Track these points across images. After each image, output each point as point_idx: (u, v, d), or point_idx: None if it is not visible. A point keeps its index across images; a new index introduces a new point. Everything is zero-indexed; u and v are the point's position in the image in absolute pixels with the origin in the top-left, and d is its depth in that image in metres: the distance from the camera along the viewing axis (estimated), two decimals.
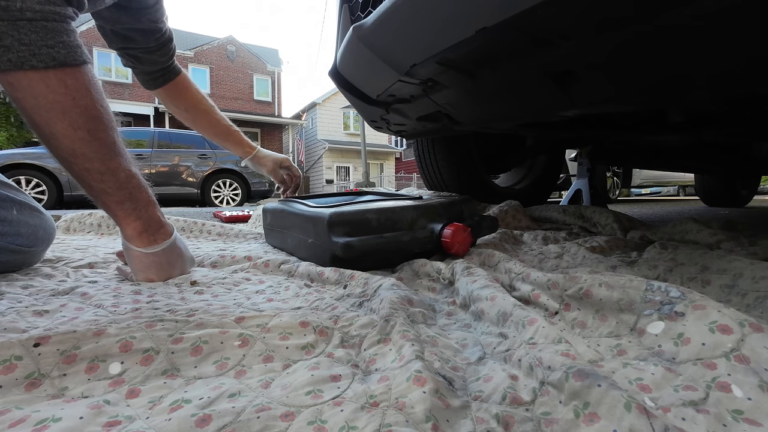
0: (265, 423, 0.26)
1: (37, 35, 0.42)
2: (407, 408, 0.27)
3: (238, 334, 0.38)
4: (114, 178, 0.52)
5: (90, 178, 0.51)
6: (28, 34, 0.41)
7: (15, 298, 0.50)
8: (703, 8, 0.48)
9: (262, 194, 5.93)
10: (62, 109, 0.45)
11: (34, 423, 0.26)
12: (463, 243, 0.70)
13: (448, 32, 0.67)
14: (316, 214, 0.70)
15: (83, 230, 1.41)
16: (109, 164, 0.51)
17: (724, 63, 0.58)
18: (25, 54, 0.41)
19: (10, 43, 0.40)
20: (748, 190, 3.46)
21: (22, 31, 0.41)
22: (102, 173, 0.51)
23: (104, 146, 0.50)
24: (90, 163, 0.49)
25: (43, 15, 0.42)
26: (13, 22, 0.40)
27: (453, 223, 0.70)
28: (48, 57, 0.42)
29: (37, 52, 0.42)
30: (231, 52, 14.90)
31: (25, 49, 0.41)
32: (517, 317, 0.39)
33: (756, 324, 0.31)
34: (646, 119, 1.22)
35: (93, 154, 0.49)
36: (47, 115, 0.45)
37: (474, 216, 0.85)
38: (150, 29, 0.77)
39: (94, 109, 0.48)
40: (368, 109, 1.17)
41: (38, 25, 0.41)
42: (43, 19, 0.42)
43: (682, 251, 0.67)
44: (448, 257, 0.73)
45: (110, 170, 0.51)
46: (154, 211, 0.58)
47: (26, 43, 0.41)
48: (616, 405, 0.24)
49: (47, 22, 0.42)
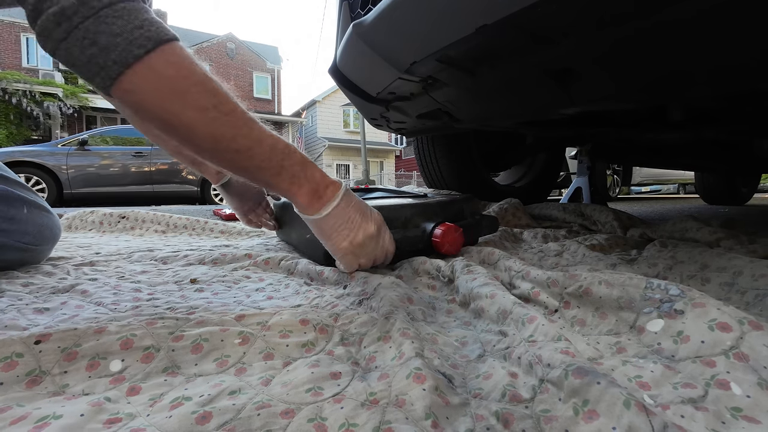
0: (266, 420, 0.26)
1: (123, 20, 0.36)
2: (407, 405, 0.27)
3: (238, 332, 0.38)
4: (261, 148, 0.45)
5: (241, 159, 0.45)
6: (115, 21, 0.36)
7: (15, 295, 0.50)
8: (701, 4, 0.48)
9: None
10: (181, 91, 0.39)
11: (34, 420, 0.26)
12: (453, 243, 0.69)
13: (447, 30, 0.67)
14: None
15: (85, 228, 1.41)
16: (252, 135, 0.44)
17: (724, 58, 0.58)
18: (123, 46, 0.36)
19: (106, 42, 0.35)
20: (748, 188, 3.46)
21: (109, 21, 0.35)
22: (250, 148, 0.44)
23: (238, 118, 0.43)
24: (234, 143, 0.43)
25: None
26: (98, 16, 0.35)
27: (444, 223, 0.70)
28: (143, 39, 0.37)
29: (132, 38, 0.36)
30: (231, 50, 14.86)
31: (121, 40, 0.36)
32: (516, 315, 0.39)
33: (755, 322, 0.31)
34: (647, 117, 1.21)
35: (232, 131, 0.43)
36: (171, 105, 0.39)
37: (475, 215, 0.85)
38: None
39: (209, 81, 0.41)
40: (368, 107, 1.17)
41: (118, 8, 0.36)
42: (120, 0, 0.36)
43: (681, 249, 0.67)
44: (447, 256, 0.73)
45: (256, 141, 0.45)
46: (313, 169, 0.50)
47: (117, 33, 0.36)
48: (616, 402, 0.24)
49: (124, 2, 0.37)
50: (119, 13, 0.36)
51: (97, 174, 4.82)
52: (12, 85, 9.34)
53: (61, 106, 10.06)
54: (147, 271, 0.69)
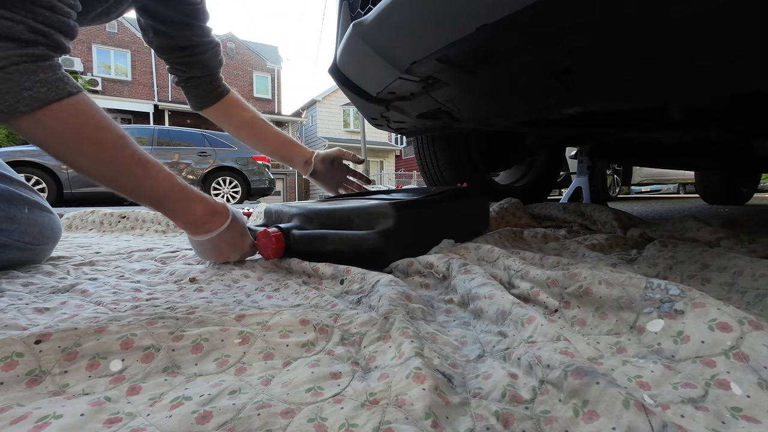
0: (266, 420, 0.27)
1: (13, 82, 0.42)
2: (407, 405, 0.27)
3: (238, 332, 0.38)
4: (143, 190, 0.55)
5: (129, 194, 0.54)
6: (5, 83, 0.42)
7: (15, 295, 0.50)
8: (703, 5, 0.48)
9: (261, 192, 5.93)
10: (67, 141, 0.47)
11: (35, 420, 0.26)
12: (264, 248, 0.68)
13: (447, 29, 0.67)
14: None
15: (85, 228, 1.41)
16: (133, 178, 0.53)
17: (724, 57, 0.58)
18: (10, 102, 0.42)
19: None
20: (749, 188, 3.46)
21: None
22: (134, 188, 0.54)
23: (121, 165, 0.52)
24: (117, 183, 0.53)
25: (11, 60, 0.42)
26: None
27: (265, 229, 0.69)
28: (30, 99, 0.43)
29: (20, 98, 0.43)
30: (231, 50, 14.86)
31: (9, 98, 0.42)
32: (516, 315, 0.39)
33: (755, 322, 0.31)
34: (647, 117, 1.21)
35: (115, 174, 0.52)
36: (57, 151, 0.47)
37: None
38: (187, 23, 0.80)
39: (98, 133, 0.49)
40: (368, 107, 1.17)
41: (10, 71, 0.42)
42: (13, 64, 0.42)
43: (681, 249, 0.67)
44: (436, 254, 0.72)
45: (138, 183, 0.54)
46: (195, 206, 0.61)
47: (6, 92, 0.42)
48: (615, 402, 0.24)
49: (17, 65, 0.42)
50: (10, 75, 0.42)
51: None
52: None
53: None
54: (147, 270, 0.69)
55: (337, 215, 0.71)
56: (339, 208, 0.72)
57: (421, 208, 0.75)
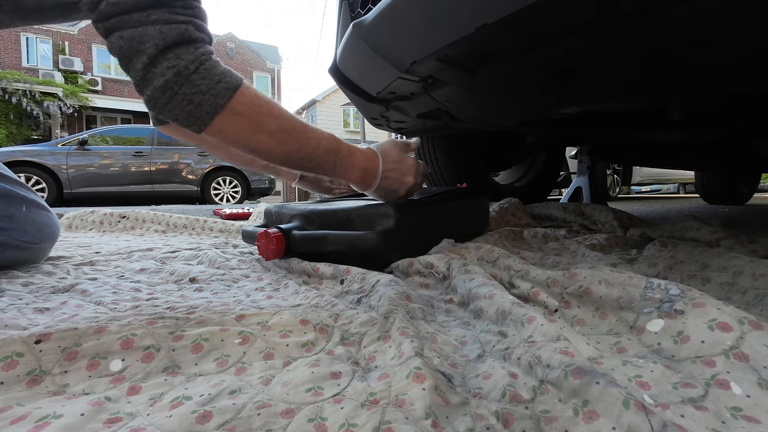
0: (266, 420, 0.27)
1: (207, 79, 0.46)
2: (407, 405, 0.27)
3: (238, 332, 0.38)
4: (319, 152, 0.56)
5: (306, 163, 0.56)
6: (202, 82, 0.45)
7: (16, 295, 0.50)
8: (704, 5, 0.48)
9: (261, 192, 5.92)
10: (256, 123, 0.50)
11: (35, 420, 0.26)
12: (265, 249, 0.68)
13: (448, 29, 0.67)
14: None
15: (85, 228, 1.41)
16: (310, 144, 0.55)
17: (725, 56, 0.58)
18: (211, 101, 0.46)
19: (200, 100, 0.45)
20: (749, 188, 3.46)
21: (198, 83, 0.45)
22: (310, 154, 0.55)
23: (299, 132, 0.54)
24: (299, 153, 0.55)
25: (200, 60, 0.46)
26: (190, 81, 0.45)
27: (265, 230, 0.69)
28: (224, 90, 0.46)
29: (216, 93, 0.46)
30: (231, 50, 14.85)
31: (209, 96, 0.46)
32: (516, 315, 0.39)
33: (755, 322, 0.31)
34: (647, 117, 1.21)
35: (297, 144, 0.54)
36: (254, 137, 0.50)
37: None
38: None
39: (272, 107, 0.52)
40: (368, 107, 1.16)
41: (202, 70, 0.46)
42: (201, 63, 0.46)
43: (681, 249, 0.67)
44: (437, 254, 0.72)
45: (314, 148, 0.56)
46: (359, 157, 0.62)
47: (205, 91, 0.45)
48: (615, 402, 0.24)
49: (203, 64, 0.46)
50: (204, 74, 0.46)
51: (97, 174, 4.81)
52: (12, 84, 9.33)
53: (61, 105, 10.06)
54: (146, 270, 0.69)
55: (337, 216, 0.71)
56: (339, 208, 0.72)
57: (421, 208, 0.75)
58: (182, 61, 0.44)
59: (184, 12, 0.46)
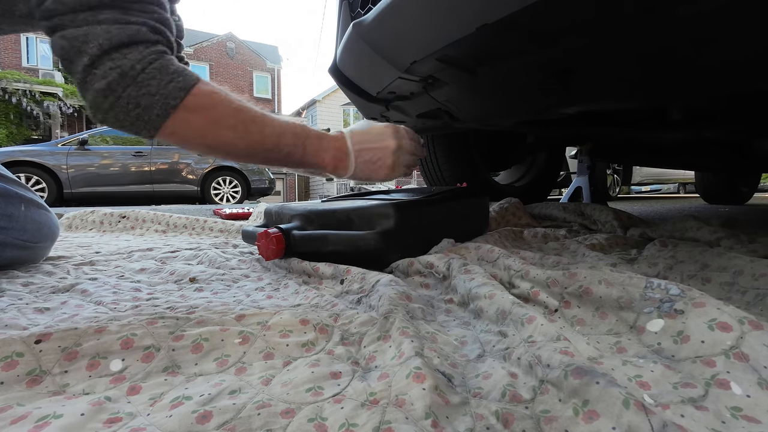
0: (266, 420, 0.27)
1: (156, 79, 0.43)
2: (407, 405, 0.27)
3: (238, 332, 0.38)
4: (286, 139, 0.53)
5: (273, 154, 0.53)
6: (151, 83, 0.43)
7: (16, 295, 0.50)
8: (705, 5, 0.48)
9: (261, 191, 5.92)
10: (213, 120, 0.47)
11: (35, 420, 0.26)
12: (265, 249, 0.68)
13: (448, 29, 0.67)
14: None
15: (85, 228, 1.41)
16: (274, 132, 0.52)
17: (726, 56, 0.58)
18: (160, 101, 0.43)
19: (147, 102, 0.43)
20: (749, 188, 3.45)
21: (146, 84, 0.43)
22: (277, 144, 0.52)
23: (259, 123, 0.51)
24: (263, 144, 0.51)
25: (148, 60, 0.43)
26: (136, 82, 0.42)
27: (265, 229, 0.69)
28: (175, 90, 0.44)
29: (167, 93, 0.44)
30: (231, 49, 14.85)
31: (159, 98, 0.43)
32: (516, 315, 0.39)
33: (755, 321, 0.31)
34: (647, 117, 1.21)
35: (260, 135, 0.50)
36: (212, 135, 0.48)
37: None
38: None
39: (229, 101, 0.49)
40: (368, 106, 1.16)
41: (151, 70, 0.43)
42: (150, 63, 0.43)
43: (681, 249, 0.67)
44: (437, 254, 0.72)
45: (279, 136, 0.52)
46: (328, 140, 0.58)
47: (154, 92, 0.43)
48: (615, 402, 0.24)
49: (152, 63, 0.44)
50: (153, 74, 0.43)
51: (97, 174, 4.81)
52: (12, 84, 9.33)
53: (61, 105, 10.05)
54: (147, 270, 0.69)
55: (338, 216, 0.71)
56: (339, 208, 0.72)
57: (422, 208, 0.75)
58: (128, 60, 0.42)
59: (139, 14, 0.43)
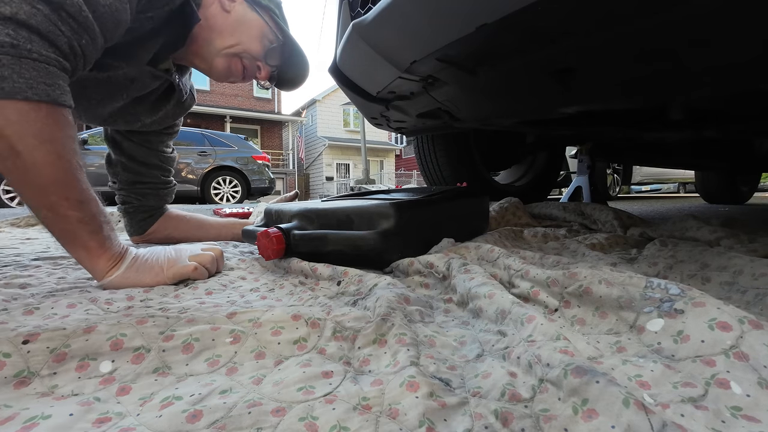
0: (256, 418, 0.26)
1: (38, 73, 0.45)
2: (400, 415, 0.27)
3: (229, 331, 0.37)
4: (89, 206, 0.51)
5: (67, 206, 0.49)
6: (28, 71, 0.44)
7: (11, 294, 0.49)
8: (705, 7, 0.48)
9: (261, 191, 5.92)
10: (49, 137, 0.47)
11: (23, 421, 0.25)
12: (265, 249, 0.67)
13: (448, 29, 0.66)
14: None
15: None
16: (85, 192, 0.51)
17: (726, 57, 0.58)
18: (21, 86, 0.44)
19: (9, 74, 0.43)
20: (749, 187, 3.46)
21: (24, 67, 0.44)
22: (80, 201, 0.50)
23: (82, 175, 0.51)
24: (70, 191, 0.49)
25: (48, 60, 0.46)
26: (18, 59, 0.43)
27: (265, 229, 0.68)
28: (43, 92, 0.45)
29: (34, 86, 0.45)
30: None
31: (23, 81, 0.44)
32: (515, 315, 0.38)
33: (755, 321, 0.30)
34: (647, 116, 1.21)
35: (73, 181, 0.50)
36: (32, 141, 0.46)
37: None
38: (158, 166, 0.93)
39: (74, 142, 0.50)
40: (368, 106, 1.16)
41: (40, 66, 0.45)
42: (47, 63, 0.46)
43: (682, 248, 0.66)
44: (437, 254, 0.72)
45: (87, 198, 0.51)
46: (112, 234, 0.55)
47: (25, 77, 0.44)
48: (614, 401, 0.24)
49: (49, 66, 0.46)
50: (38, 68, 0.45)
51: (97, 174, 4.81)
52: None
53: None
54: None
55: (338, 215, 0.71)
56: (339, 208, 0.72)
57: (422, 208, 0.75)
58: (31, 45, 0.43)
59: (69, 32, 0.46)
